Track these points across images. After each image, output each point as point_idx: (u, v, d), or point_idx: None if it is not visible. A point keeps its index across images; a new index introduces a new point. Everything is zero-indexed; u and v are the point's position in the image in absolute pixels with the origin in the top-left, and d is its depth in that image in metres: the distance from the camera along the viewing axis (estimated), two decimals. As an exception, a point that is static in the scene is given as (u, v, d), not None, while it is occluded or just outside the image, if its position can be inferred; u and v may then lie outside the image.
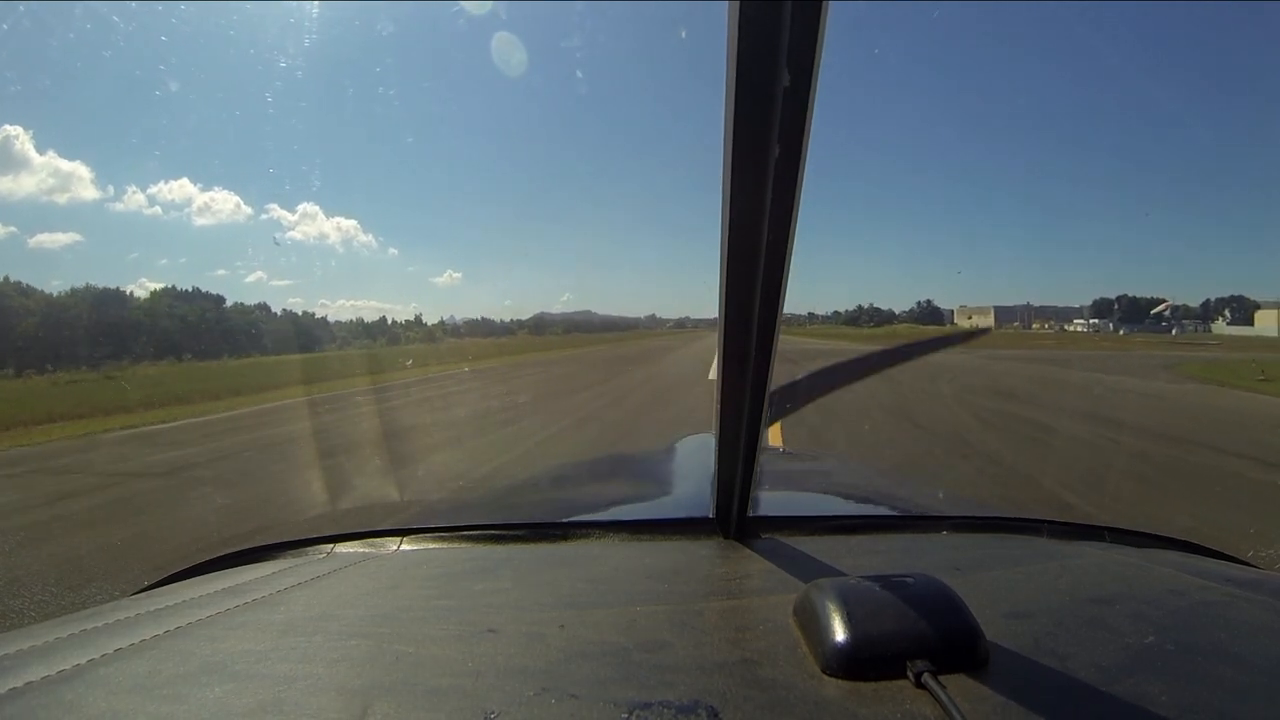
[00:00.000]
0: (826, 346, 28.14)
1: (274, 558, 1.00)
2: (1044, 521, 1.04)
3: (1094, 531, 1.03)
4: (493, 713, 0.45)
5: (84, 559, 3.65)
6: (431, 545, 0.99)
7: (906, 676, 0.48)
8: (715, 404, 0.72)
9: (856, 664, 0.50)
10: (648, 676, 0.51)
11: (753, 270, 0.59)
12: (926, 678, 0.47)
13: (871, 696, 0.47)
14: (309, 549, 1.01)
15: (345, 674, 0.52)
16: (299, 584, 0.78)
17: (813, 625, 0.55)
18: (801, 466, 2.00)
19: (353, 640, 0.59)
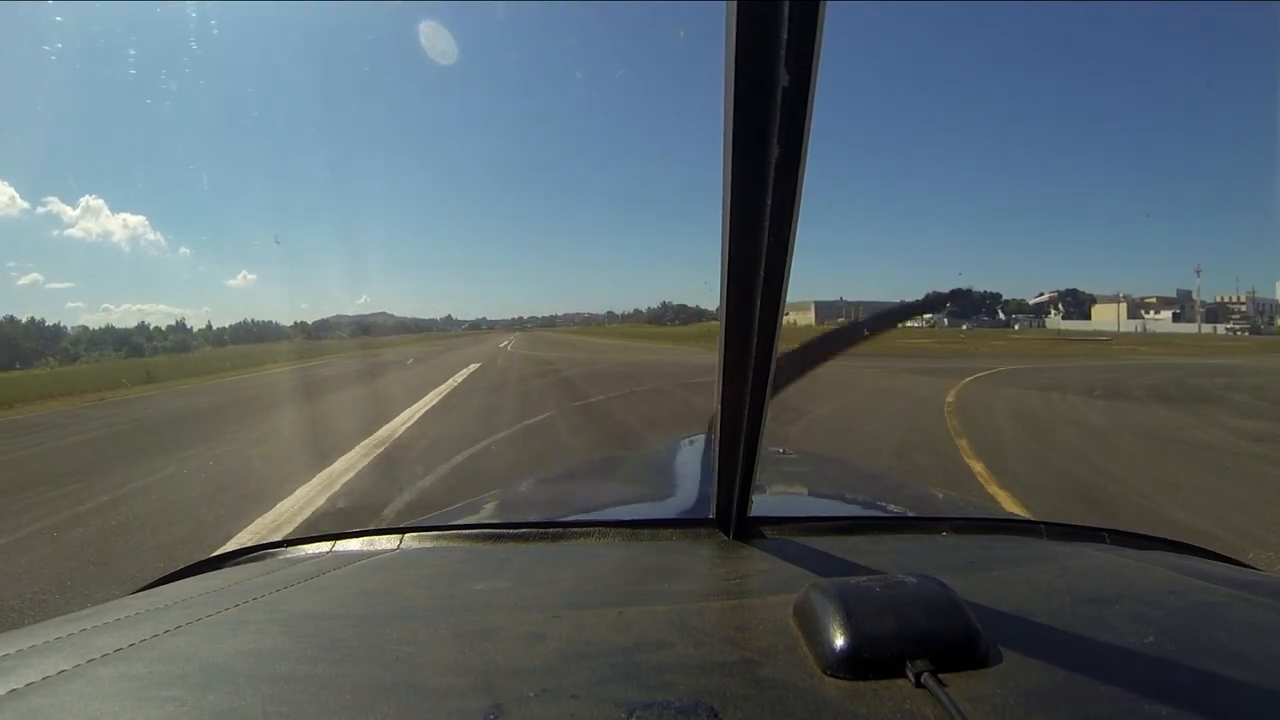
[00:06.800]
0: (642, 359, 21.18)
1: (274, 556, 1.01)
2: (1043, 523, 1.04)
3: (1093, 533, 1.03)
4: (493, 713, 0.46)
5: None
6: (432, 544, 0.99)
7: (906, 676, 0.48)
8: (715, 404, 0.72)
9: (856, 664, 0.50)
10: (648, 676, 0.51)
11: (753, 272, 0.59)
12: (926, 678, 0.47)
13: (871, 696, 0.47)
14: (309, 547, 1.02)
15: (345, 674, 0.52)
16: (299, 583, 0.78)
17: (813, 625, 0.55)
18: (802, 467, 2.00)
19: (353, 640, 0.59)
